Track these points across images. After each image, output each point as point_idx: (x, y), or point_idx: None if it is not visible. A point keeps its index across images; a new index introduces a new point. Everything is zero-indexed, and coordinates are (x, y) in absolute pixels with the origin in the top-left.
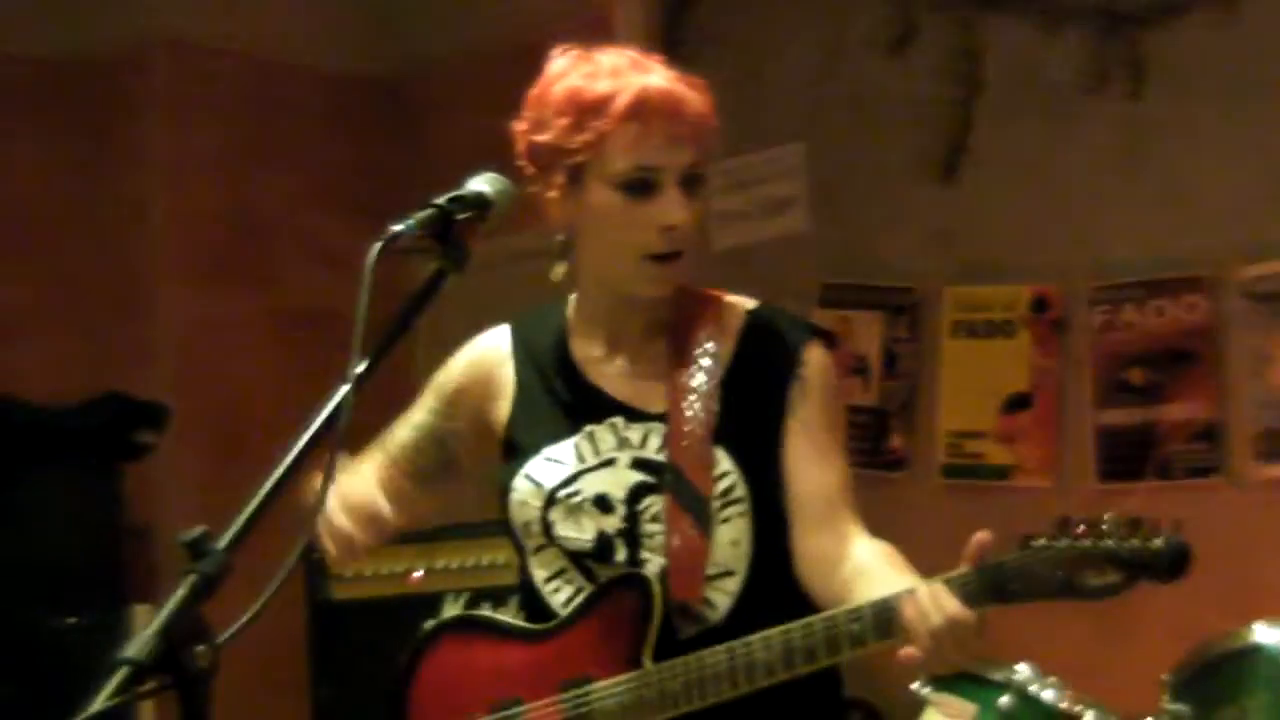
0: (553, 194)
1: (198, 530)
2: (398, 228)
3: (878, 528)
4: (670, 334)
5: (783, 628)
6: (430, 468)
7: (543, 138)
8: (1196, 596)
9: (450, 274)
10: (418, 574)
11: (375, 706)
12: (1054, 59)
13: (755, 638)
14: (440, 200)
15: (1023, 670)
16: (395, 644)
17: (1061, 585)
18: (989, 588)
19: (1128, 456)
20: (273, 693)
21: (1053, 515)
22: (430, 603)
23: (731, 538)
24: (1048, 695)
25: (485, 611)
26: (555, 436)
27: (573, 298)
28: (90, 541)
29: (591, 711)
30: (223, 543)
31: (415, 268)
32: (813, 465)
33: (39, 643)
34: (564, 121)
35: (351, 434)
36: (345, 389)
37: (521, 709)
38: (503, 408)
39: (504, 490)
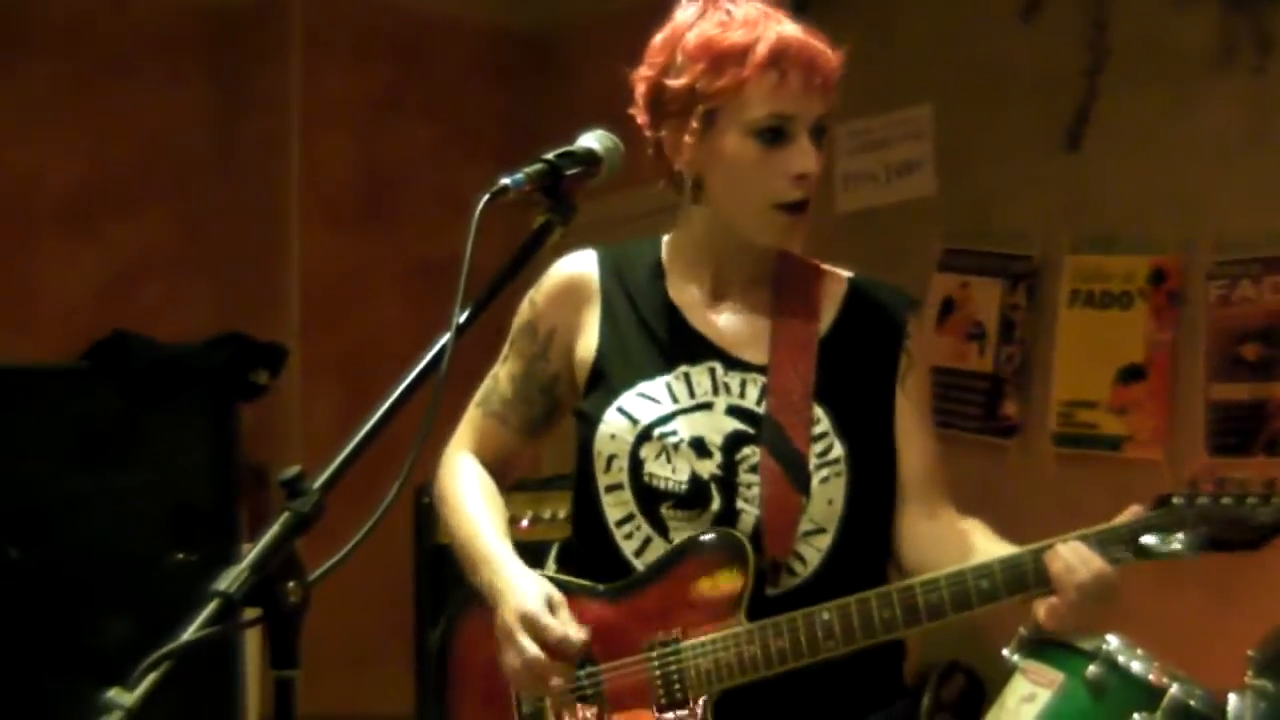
0: (687, 138)
1: (294, 469)
2: (506, 180)
3: (988, 493)
4: (773, 290)
5: (900, 585)
6: (540, 417)
7: (677, 82)
8: None
9: (557, 228)
10: (524, 522)
11: None
12: (1181, 31)
13: (871, 594)
14: (550, 155)
15: (1112, 640)
16: None
17: (1205, 541)
18: (1132, 544)
19: (1239, 431)
20: (379, 635)
21: (1163, 487)
22: (536, 550)
23: (828, 497)
24: (1136, 666)
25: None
26: (647, 372)
27: (666, 240)
28: (208, 479)
29: (683, 670)
30: (318, 482)
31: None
32: (917, 442)
33: (157, 577)
34: (700, 66)
35: (452, 382)
36: (446, 337)
37: (598, 669)
38: (591, 336)
39: (590, 421)
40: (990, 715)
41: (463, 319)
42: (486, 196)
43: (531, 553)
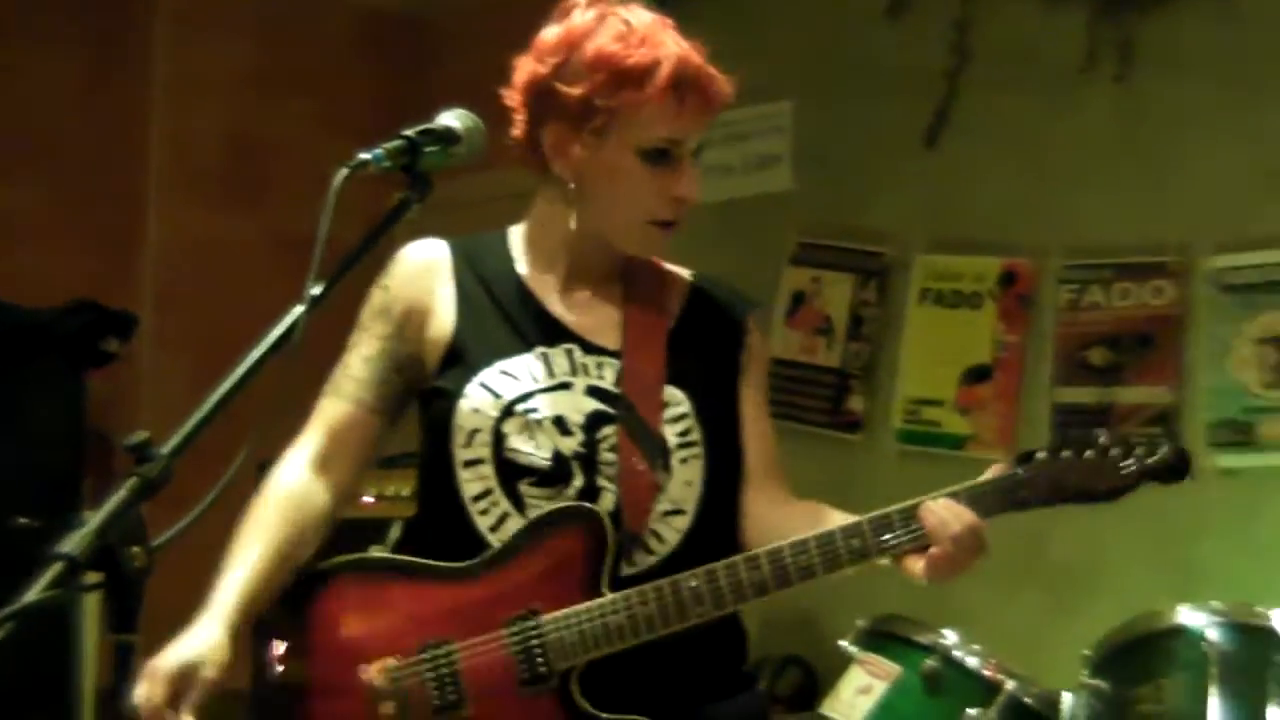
0: (576, 147)
1: (142, 435)
2: (365, 155)
3: (832, 487)
4: (622, 285)
5: (768, 549)
6: (396, 399)
7: (571, 89)
8: (1146, 577)
9: (414, 205)
10: (368, 499)
11: None
12: (1047, 37)
13: (738, 559)
14: (409, 132)
15: (949, 636)
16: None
17: (1073, 490)
18: (1002, 496)
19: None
20: None
21: None
22: (378, 527)
23: (686, 478)
24: (971, 662)
25: (386, 554)
26: (506, 352)
27: (517, 229)
28: (58, 445)
29: (546, 643)
30: (166, 449)
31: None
32: (759, 431)
33: (2, 541)
34: (599, 78)
35: (304, 355)
36: (299, 309)
37: (453, 648)
38: (446, 316)
39: (450, 396)
40: (825, 705)
41: (317, 291)
42: (345, 171)
43: (374, 529)
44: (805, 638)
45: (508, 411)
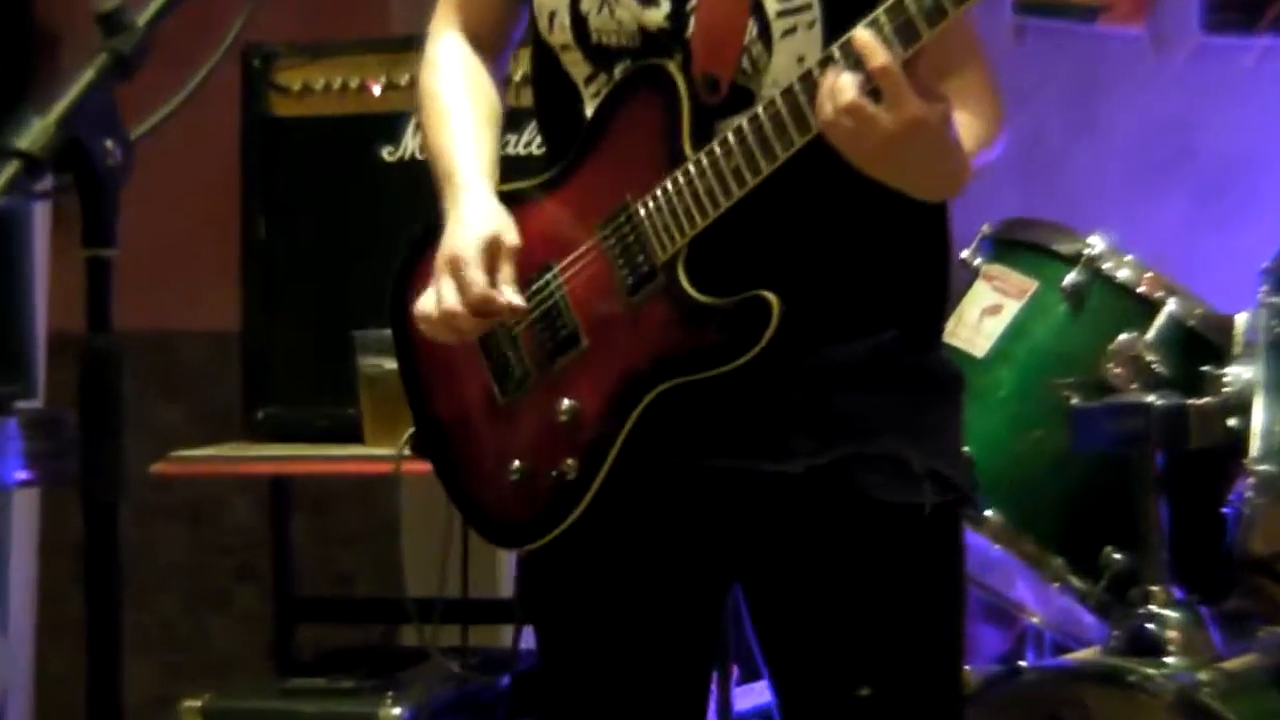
0: None
1: (113, 1)
2: None
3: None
4: None
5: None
6: None
7: None
8: None
9: None
10: (376, 89)
11: (319, 243)
12: None
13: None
14: None
15: (1096, 243)
16: (345, 171)
17: None
18: None
19: (1240, 4)
20: (201, 221)
21: (1145, 68)
22: (390, 124)
23: (796, 53)
24: (1123, 274)
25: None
26: None
27: None
28: None
29: (642, 234)
30: (143, 18)
31: None
32: None
33: None
34: None
35: None
36: None
37: (554, 273)
38: None
39: None
40: (947, 329)
41: None
42: None
43: (387, 126)
44: None
45: None
